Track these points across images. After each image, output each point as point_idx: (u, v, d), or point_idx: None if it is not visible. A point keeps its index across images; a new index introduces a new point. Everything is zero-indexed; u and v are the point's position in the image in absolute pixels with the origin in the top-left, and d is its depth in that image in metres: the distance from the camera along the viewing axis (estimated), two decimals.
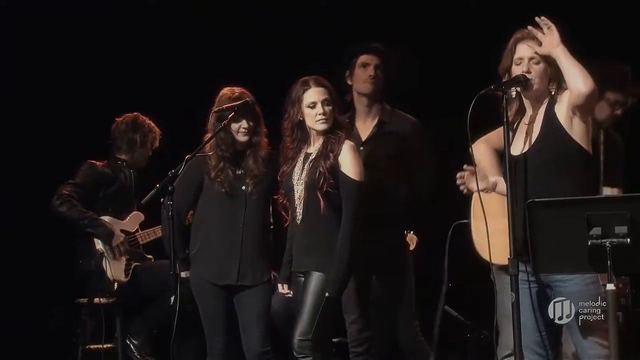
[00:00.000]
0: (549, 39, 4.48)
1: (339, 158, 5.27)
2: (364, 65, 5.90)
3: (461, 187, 4.77)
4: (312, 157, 5.33)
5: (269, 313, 5.59)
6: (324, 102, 5.32)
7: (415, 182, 5.88)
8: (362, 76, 5.89)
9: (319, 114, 5.31)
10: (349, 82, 5.93)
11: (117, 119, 6.72)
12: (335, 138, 5.30)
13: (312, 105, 5.32)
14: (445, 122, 5.99)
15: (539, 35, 4.51)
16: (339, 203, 5.25)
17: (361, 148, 5.81)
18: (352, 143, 5.34)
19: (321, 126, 5.32)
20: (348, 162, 5.27)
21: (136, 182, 6.68)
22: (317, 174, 5.25)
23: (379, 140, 5.89)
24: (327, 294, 5.16)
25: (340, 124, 5.36)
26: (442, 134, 6.12)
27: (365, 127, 5.93)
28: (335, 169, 5.27)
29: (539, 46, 4.52)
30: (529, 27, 4.54)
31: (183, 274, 5.63)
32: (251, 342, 5.57)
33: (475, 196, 5.00)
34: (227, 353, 5.63)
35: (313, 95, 5.33)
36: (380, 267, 5.83)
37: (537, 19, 4.51)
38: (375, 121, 5.92)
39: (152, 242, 6.69)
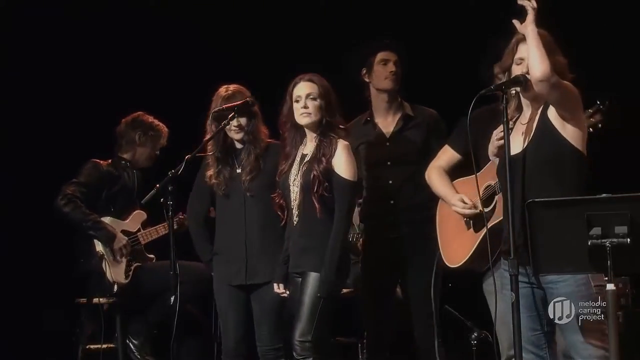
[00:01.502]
0: (527, 17, 4.45)
1: (332, 160, 5.27)
2: (384, 61, 5.89)
3: (497, 143, 4.71)
4: (307, 158, 5.33)
5: (282, 310, 5.59)
6: (308, 97, 5.31)
7: None
8: (383, 73, 5.88)
9: (302, 108, 5.31)
10: (367, 80, 5.93)
11: (122, 120, 6.72)
12: (327, 141, 5.30)
13: (298, 100, 5.34)
14: (444, 121, 6.00)
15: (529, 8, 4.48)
16: (334, 206, 5.25)
17: (387, 144, 5.84)
18: (346, 143, 5.33)
19: (303, 120, 5.32)
20: (341, 163, 5.27)
21: (139, 182, 6.66)
22: (311, 177, 5.25)
23: (405, 134, 5.89)
24: (317, 295, 5.17)
25: (331, 125, 5.33)
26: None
27: (387, 123, 5.92)
28: (329, 172, 5.26)
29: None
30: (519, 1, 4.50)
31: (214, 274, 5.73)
32: (262, 337, 5.60)
33: (440, 202, 5.33)
34: (240, 351, 5.65)
35: (299, 89, 5.35)
36: (406, 265, 5.78)
37: None
38: (399, 115, 5.91)
39: (154, 242, 6.68)
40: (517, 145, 4.55)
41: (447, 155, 5.38)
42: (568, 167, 4.47)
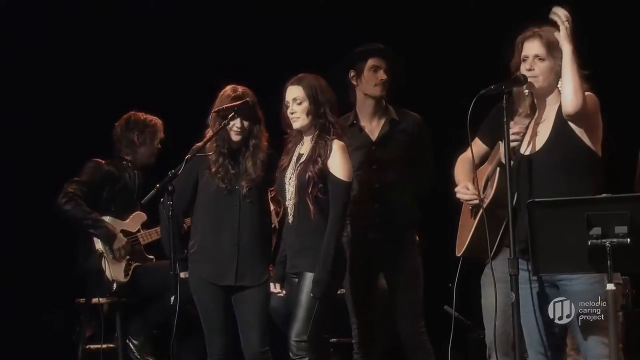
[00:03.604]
0: (560, 34, 4.39)
1: (327, 161, 5.25)
2: (375, 68, 5.87)
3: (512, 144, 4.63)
4: (302, 158, 5.32)
5: (267, 312, 5.57)
6: (294, 101, 5.30)
7: (418, 178, 5.88)
8: (373, 80, 5.86)
9: (290, 113, 5.31)
10: (354, 83, 5.91)
11: (115, 124, 6.69)
12: (323, 142, 5.28)
13: (287, 105, 5.33)
14: (444, 122, 6.00)
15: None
16: (329, 208, 5.25)
17: (373, 148, 5.84)
18: (341, 143, 5.31)
19: (294, 125, 5.32)
20: (337, 163, 5.25)
21: (140, 183, 6.66)
22: (306, 178, 5.23)
23: (391, 139, 5.89)
24: (311, 295, 5.16)
25: (325, 126, 5.30)
26: (441, 134, 6.13)
27: (373, 127, 5.92)
28: (324, 172, 5.25)
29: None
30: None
31: (182, 275, 5.62)
32: (250, 341, 5.54)
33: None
34: (226, 353, 5.60)
35: (287, 94, 5.34)
36: (389, 266, 5.81)
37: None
38: (384, 120, 5.91)
39: (154, 243, 6.67)
40: (531, 145, 4.53)
41: (475, 147, 4.99)
42: (583, 169, 4.45)
